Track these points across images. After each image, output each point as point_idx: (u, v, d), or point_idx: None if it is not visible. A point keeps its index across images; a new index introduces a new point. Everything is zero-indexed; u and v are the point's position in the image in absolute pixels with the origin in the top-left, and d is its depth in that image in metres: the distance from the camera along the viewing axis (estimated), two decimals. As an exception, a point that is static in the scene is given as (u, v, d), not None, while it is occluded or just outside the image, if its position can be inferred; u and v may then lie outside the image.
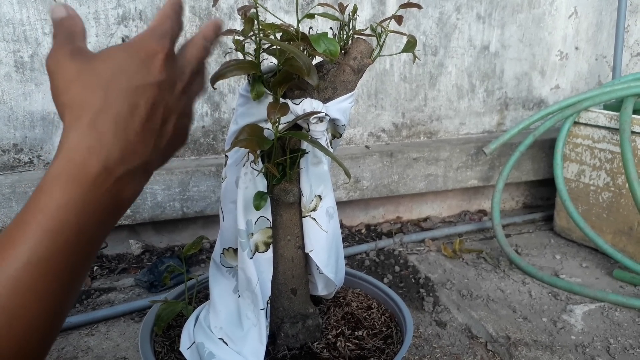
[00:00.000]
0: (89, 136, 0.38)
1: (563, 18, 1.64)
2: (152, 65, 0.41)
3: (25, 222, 0.36)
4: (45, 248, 0.36)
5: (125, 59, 0.41)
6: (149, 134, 0.42)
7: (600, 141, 1.36)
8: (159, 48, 0.42)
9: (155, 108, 0.42)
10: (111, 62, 0.40)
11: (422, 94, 1.55)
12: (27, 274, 0.35)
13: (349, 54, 0.67)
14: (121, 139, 0.39)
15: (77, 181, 0.38)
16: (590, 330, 1.06)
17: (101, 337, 1.01)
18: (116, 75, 0.40)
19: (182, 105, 0.45)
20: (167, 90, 0.42)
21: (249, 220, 0.69)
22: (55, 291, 0.37)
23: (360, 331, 0.81)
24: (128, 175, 0.41)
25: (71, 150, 0.38)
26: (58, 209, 0.37)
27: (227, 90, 1.34)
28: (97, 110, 0.39)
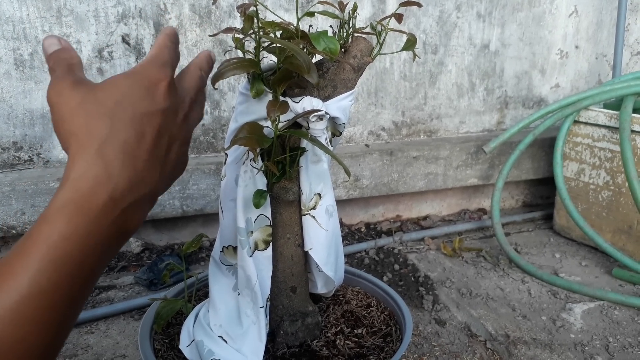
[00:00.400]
0: (96, 165, 0.38)
1: (563, 17, 1.64)
2: (156, 93, 0.41)
3: (27, 252, 0.35)
4: (47, 280, 0.35)
5: (129, 87, 0.41)
6: (156, 162, 0.42)
7: (600, 140, 1.36)
8: (162, 76, 0.42)
9: (160, 136, 0.42)
10: (115, 91, 0.40)
11: (422, 92, 1.55)
12: (27, 306, 0.34)
13: (348, 52, 0.67)
14: (129, 168, 0.39)
15: (83, 212, 0.37)
16: (590, 328, 1.06)
17: (101, 334, 1.02)
18: (121, 104, 0.40)
19: (184, 133, 0.46)
20: (170, 118, 0.43)
21: (249, 218, 0.69)
22: (54, 322, 0.36)
23: (359, 329, 0.81)
24: (135, 205, 0.40)
25: (77, 179, 0.37)
26: (62, 240, 0.36)
27: (227, 88, 1.34)
28: (104, 138, 0.38)
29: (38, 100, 1.20)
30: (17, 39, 1.15)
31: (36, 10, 1.14)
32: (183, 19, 1.25)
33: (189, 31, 1.27)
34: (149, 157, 0.41)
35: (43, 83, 1.19)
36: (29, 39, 1.16)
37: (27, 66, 1.17)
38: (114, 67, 1.23)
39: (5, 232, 1.16)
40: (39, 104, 1.20)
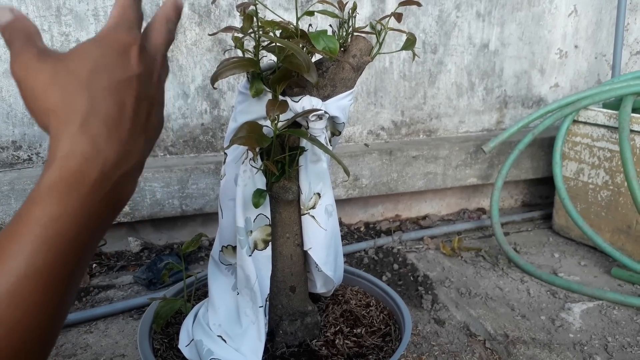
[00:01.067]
0: (82, 141, 0.36)
1: (563, 16, 1.64)
2: (129, 58, 0.39)
3: (19, 234, 0.35)
4: (42, 260, 0.35)
5: (101, 54, 0.38)
6: (139, 129, 0.40)
7: (599, 140, 1.36)
8: (131, 39, 0.40)
9: (139, 102, 0.40)
10: (87, 60, 0.38)
11: (422, 92, 1.55)
12: (23, 287, 0.34)
13: (348, 52, 0.67)
14: (115, 140, 0.38)
15: (73, 190, 0.36)
16: (589, 328, 1.06)
17: (100, 334, 1.02)
18: (96, 73, 0.37)
19: (160, 94, 0.44)
20: (146, 82, 0.41)
21: (248, 217, 0.69)
22: (52, 301, 0.36)
23: (358, 329, 0.81)
24: (125, 176, 0.39)
25: (65, 158, 0.36)
26: (54, 220, 0.35)
27: (226, 88, 1.34)
28: (85, 113, 0.37)
29: (37, 99, 1.20)
30: (16, 38, 1.14)
31: (35, 9, 1.14)
32: (182, 18, 1.25)
33: (188, 30, 1.27)
34: (132, 125, 0.39)
35: (42, 82, 1.19)
36: (28, 38, 1.15)
37: (26, 65, 1.17)
38: (113, 66, 1.23)
39: (4, 232, 1.16)
40: (38, 103, 1.20)
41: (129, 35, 0.40)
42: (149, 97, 0.41)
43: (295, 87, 0.66)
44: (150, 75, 0.42)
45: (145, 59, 0.41)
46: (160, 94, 0.44)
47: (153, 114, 0.42)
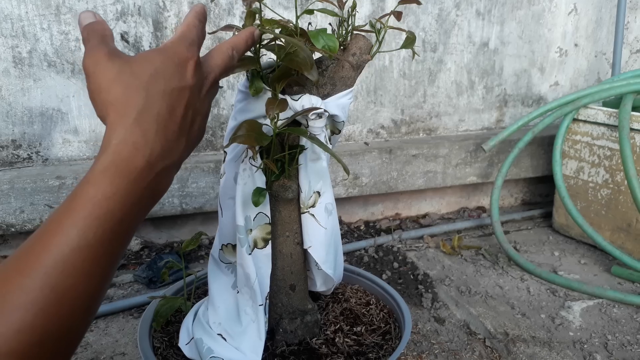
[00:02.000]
0: (134, 133, 0.42)
1: (563, 15, 1.64)
2: (185, 71, 0.45)
3: (74, 210, 0.40)
4: (93, 235, 0.39)
5: (162, 62, 0.44)
6: (183, 133, 0.46)
7: (599, 138, 1.36)
8: (190, 55, 0.46)
9: (187, 110, 0.46)
10: (149, 65, 0.44)
11: (422, 90, 1.55)
12: (76, 257, 0.39)
13: (348, 50, 0.67)
14: (162, 137, 0.44)
15: (124, 174, 0.41)
16: (589, 326, 1.06)
17: (100, 332, 1.02)
18: (155, 78, 0.43)
19: (206, 107, 0.50)
20: (196, 94, 0.47)
21: (248, 216, 0.69)
22: (98, 274, 0.41)
23: (358, 327, 0.81)
24: (166, 170, 0.45)
25: (118, 144, 0.41)
26: (106, 199, 0.40)
27: (226, 86, 1.34)
28: (141, 109, 0.42)
29: (37, 98, 1.20)
30: (15, 36, 1.15)
31: (35, 7, 1.14)
32: (182, 16, 1.25)
33: (188, 29, 1.26)
34: (177, 128, 0.45)
35: (42, 81, 1.19)
36: (28, 37, 1.15)
37: (25, 64, 1.17)
38: (112, 65, 1.23)
39: (4, 230, 1.16)
40: (37, 101, 1.20)
41: (189, 51, 0.46)
42: (196, 108, 0.48)
43: (295, 85, 0.66)
44: (200, 89, 0.48)
45: (198, 74, 0.47)
46: (207, 107, 0.51)
47: (197, 123, 0.49)
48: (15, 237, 1.24)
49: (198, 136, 0.50)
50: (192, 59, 0.46)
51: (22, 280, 0.37)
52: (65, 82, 1.21)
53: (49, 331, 0.38)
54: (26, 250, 0.39)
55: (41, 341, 0.37)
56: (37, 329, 0.37)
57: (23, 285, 0.37)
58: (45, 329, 0.37)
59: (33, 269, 0.38)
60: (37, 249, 0.39)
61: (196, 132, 0.49)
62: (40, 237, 0.39)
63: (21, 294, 0.37)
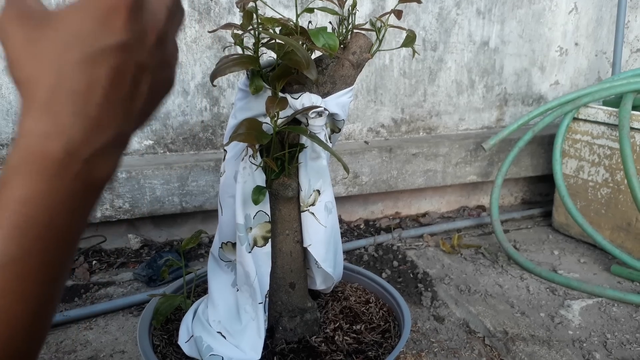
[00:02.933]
0: (44, 120, 0.34)
1: (563, 14, 1.64)
2: (112, 24, 0.34)
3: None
4: (16, 247, 0.33)
5: (80, 21, 0.34)
6: (117, 104, 0.36)
7: (600, 137, 1.36)
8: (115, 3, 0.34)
9: (120, 73, 0.35)
10: (64, 28, 0.34)
11: (422, 89, 1.55)
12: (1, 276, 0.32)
13: (348, 49, 0.67)
14: (81, 118, 0.34)
15: (38, 171, 0.34)
16: (588, 325, 1.06)
17: (100, 330, 1.02)
18: (70, 44, 0.34)
19: (160, 56, 0.38)
20: (135, 49, 0.36)
21: (248, 214, 0.69)
22: (35, 290, 0.34)
23: (358, 325, 0.81)
24: (97, 153, 0.36)
25: (26, 136, 0.34)
26: (22, 203, 0.33)
27: (226, 85, 1.34)
28: (51, 88, 0.34)
29: (37, 96, 1.20)
30: (16, 34, 1.14)
31: (35, 6, 1.14)
32: (182, 15, 1.25)
33: (188, 27, 1.26)
34: (105, 100, 0.35)
35: (42, 79, 1.19)
36: (28, 35, 1.15)
37: (26, 62, 1.17)
38: (113, 63, 1.23)
39: (4, 228, 1.16)
40: (38, 100, 1.20)
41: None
42: (139, 64, 0.36)
43: (295, 84, 0.66)
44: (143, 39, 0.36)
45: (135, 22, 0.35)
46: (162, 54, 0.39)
47: (144, 82, 0.38)
48: (16, 235, 1.24)
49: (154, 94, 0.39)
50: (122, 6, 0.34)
51: None
52: (66, 80, 1.21)
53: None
54: None
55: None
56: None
57: None
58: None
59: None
60: None
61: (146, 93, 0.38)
62: None
63: None
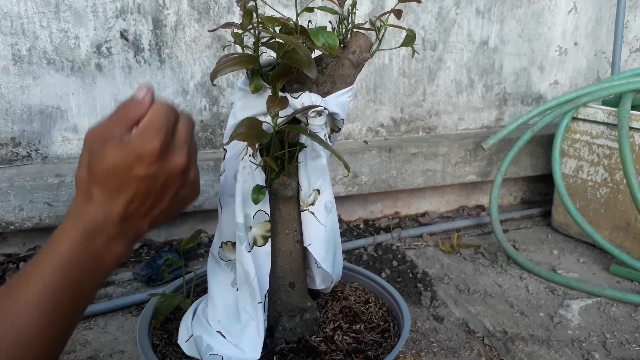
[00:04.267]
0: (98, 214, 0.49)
1: (562, 13, 1.64)
2: (143, 163, 0.49)
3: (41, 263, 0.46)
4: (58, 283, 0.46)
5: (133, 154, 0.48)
6: (138, 215, 0.52)
7: (599, 137, 1.36)
8: (150, 147, 0.48)
9: (146, 195, 0.51)
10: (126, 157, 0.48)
11: (421, 89, 1.55)
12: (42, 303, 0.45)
13: (348, 48, 0.67)
14: (119, 219, 0.50)
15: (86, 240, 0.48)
16: (587, 325, 1.06)
17: (99, 330, 1.02)
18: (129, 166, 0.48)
19: (182, 180, 0.54)
20: (159, 177, 0.50)
21: (248, 213, 0.69)
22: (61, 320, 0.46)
23: (357, 325, 0.81)
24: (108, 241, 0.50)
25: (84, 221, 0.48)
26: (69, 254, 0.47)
27: (226, 84, 1.34)
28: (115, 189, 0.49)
29: (36, 95, 1.20)
30: (15, 34, 1.14)
31: (34, 5, 1.14)
32: (182, 14, 1.25)
33: (187, 27, 1.26)
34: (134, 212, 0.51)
35: (41, 79, 1.19)
36: (27, 35, 1.15)
37: (25, 62, 1.17)
38: (112, 62, 1.23)
39: (3, 228, 1.16)
40: (37, 99, 1.20)
41: (150, 143, 0.49)
42: (164, 186, 0.52)
43: (295, 83, 0.66)
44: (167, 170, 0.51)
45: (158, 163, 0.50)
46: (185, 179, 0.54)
47: (166, 198, 0.53)
48: (15, 235, 1.24)
49: (176, 204, 0.55)
50: (149, 153, 0.48)
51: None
52: (65, 80, 1.21)
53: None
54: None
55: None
56: None
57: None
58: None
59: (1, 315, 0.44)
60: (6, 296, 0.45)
61: (166, 204, 0.54)
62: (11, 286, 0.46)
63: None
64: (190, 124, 0.55)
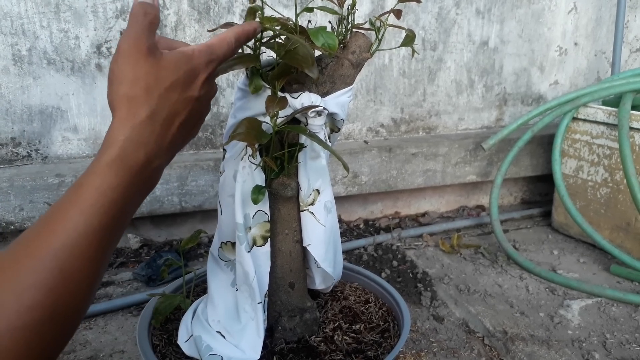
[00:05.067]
0: (141, 133, 0.47)
1: (562, 13, 1.64)
2: (197, 83, 0.51)
3: (81, 198, 0.44)
4: (98, 221, 0.44)
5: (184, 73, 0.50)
6: (181, 135, 0.52)
7: (599, 137, 1.36)
8: (206, 70, 0.52)
9: (188, 116, 0.52)
10: (172, 74, 0.49)
11: (421, 89, 1.55)
12: (82, 242, 0.43)
13: (347, 48, 0.67)
14: (162, 138, 0.49)
15: (127, 168, 0.46)
16: (587, 325, 1.06)
17: (99, 330, 1.02)
18: (172, 87, 0.49)
19: (206, 107, 0.56)
20: (199, 102, 0.52)
21: (247, 214, 0.69)
22: (100, 257, 0.45)
23: (357, 325, 0.81)
24: (160, 166, 0.50)
25: (125, 141, 0.46)
26: (111, 189, 0.44)
27: (226, 84, 1.34)
28: (152, 112, 0.48)
29: (36, 96, 1.20)
30: (15, 34, 1.14)
31: (34, 5, 1.14)
32: (182, 14, 1.25)
33: (187, 27, 1.26)
34: (177, 131, 0.51)
35: (41, 79, 1.19)
36: (27, 35, 1.15)
37: (25, 62, 1.17)
38: (112, 62, 1.23)
39: (3, 228, 1.16)
40: (37, 99, 1.20)
41: (207, 66, 0.52)
42: (199, 111, 0.54)
43: (295, 83, 0.66)
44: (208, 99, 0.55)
45: (207, 87, 0.53)
46: (205, 110, 0.57)
47: (199, 124, 0.56)
48: (15, 235, 1.24)
49: (192, 135, 0.56)
50: (205, 74, 0.51)
51: (32, 262, 0.41)
52: (65, 80, 1.21)
53: (57, 309, 0.41)
54: (34, 235, 0.43)
55: (51, 317, 0.41)
56: (47, 306, 0.41)
57: (34, 267, 0.41)
58: (54, 306, 0.41)
59: (43, 252, 0.41)
60: (45, 233, 0.42)
61: (191, 133, 0.55)
62: (47, 223, 0.43)
63: (32, 274, 0.41)
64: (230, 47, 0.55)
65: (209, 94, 0.54)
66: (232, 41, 0.54)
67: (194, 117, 0.53)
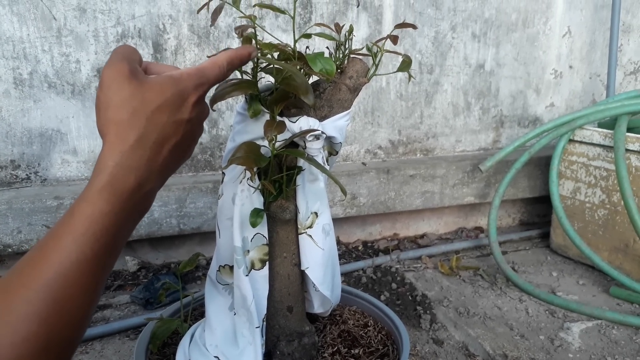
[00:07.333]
0: (131, 158, 0.46)
1: (557, 37, 1.66)
2: (186, 106, 0.50)
3: (73, 226, 0.43)
4: (90, 249, 0.43)
5: (171, 96, 0.49)
6: (173, 158, 0.51)
7: (595, 159, 1.37)
8: (195, 93, 0.51)
9: (182, 138, 0.51)
10: (159, 96, 0.48)
11: (418, 111, 1.56)
12: (75, 270, 0.42)
13: (345, 73, 0.68)
14: (153, 162, 0.48)
15: (118, 194, 0.45)
16: (588, 348, 1.05)
17: (96, 354, 1.01)
18: (160, 109, 0.48)
19: (199, 130, 0.56)
20: (190, 124, 0.52)
21: (245, 237, 0.69)
22: (93, 285, 0.45)
23: (356, 349, 0.80)
24: (152, 190, 0.50)
25: (115, 167, 0.46)
26: (102, 216, 0.44)
27: (225, 107, 1.35)
28: (140, 136, 0.47)
29: (37, 119, 1.21)
30: (16, 58, 1.16)
31: (36, 30, 1.15)
32: (182, 39, 1.27)
33: (187, 51, 1.28)
34: (169, 155, 0.50)
35: (42, 102, 1.20)
36: (29, 59, 1.17)
37: (26, 85, 1.18)
38: (112, 86, 1.24)
39: (1, 251, 1.16)
40: (37, 122, 1.21)
41: (197, 89, 0.51)
42: (192, 135, 0.53)
43: (293, 107, 0.66)
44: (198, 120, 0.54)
45: (197, 109, 0.52)
46: (198, 132, 0.56)
47: (191, 147, 0.55)
48: (12, 257, 1.24)
49: (184, 158, 0.56)
50: (195, 96, 0.51)
51: (26, 293, 0.41)
52: (65, 103, 1.22)
53: (52, 339, 0.41)
54: (28, 265, 0.42)
55: (45, 348, 0.41)
56: (42, 337, 0.40)
57: (27, 297, 0.41)
58: (49, 337, 0.41)
59: (36, 282, 0.41)
60: (38, 263, 0.42)
61: (183, 156, 0.54)
62: (41, 251, 0.43)
63: (26, 305, 0.40)
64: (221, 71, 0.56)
65: (200, 116, 0.54)
66: (223, 64, 0.54)
67: (186, 140, 0.53)
